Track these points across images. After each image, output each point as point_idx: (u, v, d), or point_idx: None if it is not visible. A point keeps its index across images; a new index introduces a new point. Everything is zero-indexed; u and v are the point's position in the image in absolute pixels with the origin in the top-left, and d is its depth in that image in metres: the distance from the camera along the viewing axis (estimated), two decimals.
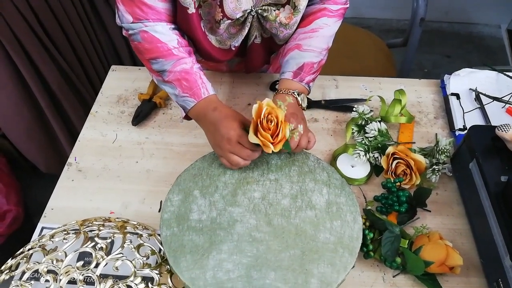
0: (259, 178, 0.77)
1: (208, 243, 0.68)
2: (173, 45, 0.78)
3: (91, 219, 0.77)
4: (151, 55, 0.78)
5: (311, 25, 0.86)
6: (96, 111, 0.99)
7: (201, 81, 0.78)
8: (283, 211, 0.72)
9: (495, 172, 0.71)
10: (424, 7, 1.38)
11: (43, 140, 1.55)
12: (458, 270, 0.70)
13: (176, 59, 0.77)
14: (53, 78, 1.43)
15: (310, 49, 0.84)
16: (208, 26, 0.83)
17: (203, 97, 0.77)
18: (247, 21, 0.83)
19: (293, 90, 0.81)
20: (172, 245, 0.68)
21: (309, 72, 0.84)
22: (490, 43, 2.47)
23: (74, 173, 0.88)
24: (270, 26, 0.84)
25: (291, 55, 0.85)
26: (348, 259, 0.67)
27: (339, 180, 0.76)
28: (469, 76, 1.02)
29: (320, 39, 0.85)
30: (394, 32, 2.53)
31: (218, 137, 0.74)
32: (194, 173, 0.77)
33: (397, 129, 0.94)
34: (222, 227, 0.70)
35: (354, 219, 0.71)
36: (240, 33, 0.85)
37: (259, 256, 0.67)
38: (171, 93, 0.80)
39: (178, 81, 0.77)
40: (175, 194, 0.74)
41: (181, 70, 0.77)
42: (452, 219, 0.80)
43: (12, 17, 1.24)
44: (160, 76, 0.79)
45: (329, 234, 0.69)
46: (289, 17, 0.83)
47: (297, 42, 0.85)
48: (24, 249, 0.72)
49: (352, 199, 0.74)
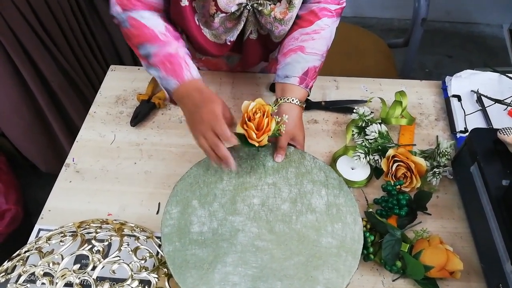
0: (256, 182, 0.76)
1: (212, 256, 0.67)
2: (159, 30, 0.79)
3: (89, 221, 0.76)
4: (138, 40, 0.79)
5: (312, 26, 0.85)
6: (94, 111, 0.99)
7: (185, 64, 0.78)
8: (283, 216, 0.71)
9: (496, 176, 0.70)
10: (425, 7, 1.37)
11: (42, 139, 1.54)
12: (458, 274, 0.70)
13: (162, 43, 0.78)
14: (53, 77, 1.43)
15: (313, 52, 0.84)
16: (203, 20, 0.83)
17: (186, 79, 0.77)
18: (243, 15, 0.83)
19: (299, 100, 0.82)
20: (176, 261, 0.66)
21: (312, 77, 0.85)
22: (492, 43, 2.46)
23: (72, 174, 0.87)
24: (265, 21, 0.84)
25: (294, 57, 0.84)
26: (352, 262, 0.66)
27: (336, 180, 0.76)
28: (470, 77, 1.01)
29: (321, 41, 0.85)
30: (396, 32, 2.52)
31: (197, 118, 0.73)
32: (191, 181, 0.76)
33: (398, 131, 0.93)
34: (224, 238, 0.69)
35: (355, 220, 0.71)
36: (236, 28, 0.86)
37: (264, 266, 0.66)
38: (156, 76, 0.81)
39: (163, 63, 0.78)
40: (173, 205, 0.73)
41: (166, 54, 0.78)
42: (452, 222, 0.79)
43: (11, 15, 1.24)
44: (146, 60, 0.80)
45: (331, 238, 0.69)
46: (284, 12, 0.82)
47: (299, 44, 0.85)
48: (20, 251, 0.71)
49: (351, 199, 0.74)
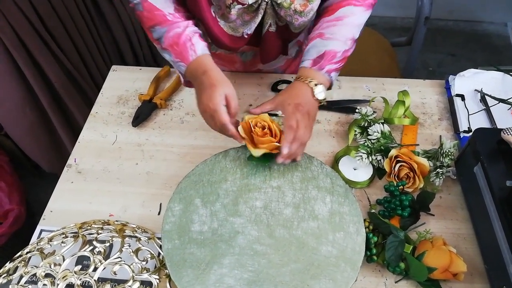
0: (261, 185, 0.75)
1: (209, 256, 0.67)
2: (168, 11, 0.78)
3: (90, 222, 0.76)
4: (150, 23, 0.79)
5: (335, 14, 0.82)
6: (96, 112, 0.99)
7: (190, 44, 0.77)
8: (285, 221, 0.71)
9: (500, 176, 0.70)
10: (429, 6, 1.36)
11: (45, 139, 1.54)
12: (461, 276, 0.69)
13: (170, 24, 0.78)
14: (56, 77, 1.43)
15: (333, 37, 0.80)
16: (220, 13, 0.82)
17: (190, 59, 0.76)
18: (261, 7, 0.81)
19: (310, 79, 0.77)
20: (173, 259, 0.66)
21: (330, 61, 0.79)
22: (496, 41, 2.44)
23: (73, 174, 0.87)
24: (285, 14, 0.81)
25: (312, 43, 0.81)
26: (350, 273, 0.65)
27: (343, 188, 0.75)
28: (474, 76, 1.00)
29: (344, 27, 0.81)
30: (399, 30, 2.51)
31: (200, 103, 0.75)
32: (195, 179, 0.76)
33: (401, 131, 0.93)
34: (223, 239, 0.68)
35: (357, 231, 0.70)
36: (253, 20, 0.83)
37: (261, 270, 0.65)
38: (169, 60, 0.81)
39: (171, 46, 0.78)
40: (176, 203, 0.73)
41: (173, 35, 0.77)
42: (456, 223, 0.79)
43: (14, 16, 1.24)
44: (159, 43, 0.80)
45: (331, 247, 0.68)
46: (304, 4, 0.79)
47: (319, 31, 0.82)
48: (22, 252, 0.71)
49: (356, 208, 0.72)
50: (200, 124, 0.95)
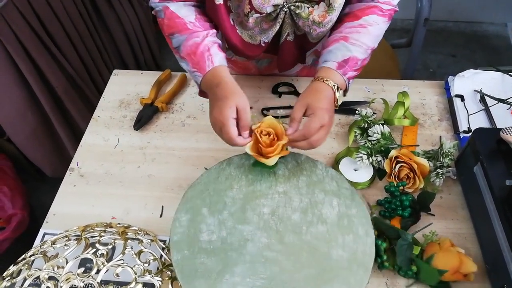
0: (267, 191, 0.74)
1: (220, 266, 0.66)
2: (189, 20, 0.78)
3: (93, 225, 0.77)
4: (170, 30, 0.79)
5: (359, 20, 0.81)
6: (98, 115, 0.99)
7: (208, 54, 0.76)
8: (294, 227, 0.70)
9: (500, 176, 0.70)
10: (428, 7, 1.37)
11: (48, 144, 1.55)
12: (472, 277, 0.69)
13: (190, 33, 0.78)
14: (58, 82, 1.44)
15: (358, 44, 0.79)
16: (238, 20, 0.82)
17: (207, 69, 0.75)
18: (279, 17, 0.80)
19: (334, 83, 0.76)
20: (184, 270, 0.66)
21: (352, 68, 0.78)
22: (496, 42, 2.45)
23: (76, 178, 0.88)
24: (303, 24, 0.81)
25: (337, 45, 0.79)
26: (363, 276, 0.65)
27: (349, 190, 0.75)
28: (473, 77, 1.00)
29: (368, 36, 0.80)
30: (399, 32, 2.51)
31: (211, 115, 0.74)
32: (201, 188, 0.75)
33: (401, 132, 0.93)
34: (233, 248, 0.68)
35: (366, 233, 0.69)
36: (271, 29, 0.83)
37: (273, 277, 0.65)
38: (187, 70, 0.80)
39: (189, 55, 0.77)
40: (183, 213, 0.72)
41: (192, 44, 0.77)
42: (456, 223, 0.79)
43: (15, 21, 1.25)
44: (178, 52, 0.80)
45: (342, 251, 0.67)
46: (323, 16, 0.79)
47: (343, 34, 0.80)
48: (25, 256, 0.72)
49: (363, 210, 0.72)
50: (201, 126, 0.96)
